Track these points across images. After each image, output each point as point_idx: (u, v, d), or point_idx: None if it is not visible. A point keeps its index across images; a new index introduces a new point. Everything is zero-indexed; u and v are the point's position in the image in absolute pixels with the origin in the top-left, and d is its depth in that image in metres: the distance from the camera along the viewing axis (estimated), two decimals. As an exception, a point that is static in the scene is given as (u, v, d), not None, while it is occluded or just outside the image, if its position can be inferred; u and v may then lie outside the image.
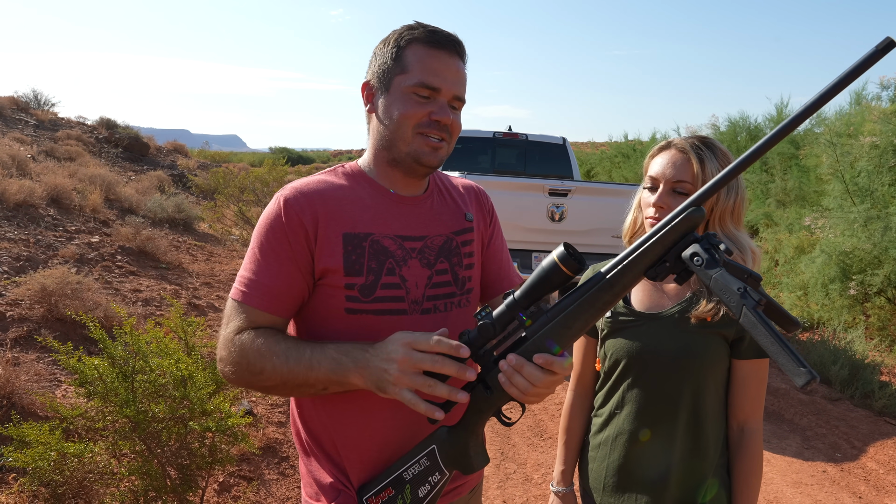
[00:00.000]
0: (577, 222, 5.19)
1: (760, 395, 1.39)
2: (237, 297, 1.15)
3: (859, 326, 5.85)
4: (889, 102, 7.27)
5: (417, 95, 1.15)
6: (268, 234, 1.15)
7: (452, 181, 1.41)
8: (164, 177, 12.83)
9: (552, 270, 0.94)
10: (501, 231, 1.46)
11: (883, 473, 3.65)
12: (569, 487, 1.61)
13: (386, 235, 1.20)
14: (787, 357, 0.66)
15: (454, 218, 1.31)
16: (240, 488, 3.04)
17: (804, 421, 4.36)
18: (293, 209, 1.14)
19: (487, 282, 1.39)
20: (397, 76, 1.16)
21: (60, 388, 3.44)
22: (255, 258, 1.15)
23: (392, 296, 1.17)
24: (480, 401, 1.05)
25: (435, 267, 1.24)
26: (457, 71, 1.18)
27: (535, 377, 0.95)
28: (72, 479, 2.33)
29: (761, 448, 1.39)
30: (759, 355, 1.36)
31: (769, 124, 10.86)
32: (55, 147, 11.68)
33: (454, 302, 1.26)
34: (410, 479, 1.10)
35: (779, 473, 3.61)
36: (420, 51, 1.16)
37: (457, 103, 1.19)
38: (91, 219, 7.47)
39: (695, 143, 1.38)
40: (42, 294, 4.26)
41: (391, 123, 1.17)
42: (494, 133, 6.57)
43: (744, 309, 0.71)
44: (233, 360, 1.11)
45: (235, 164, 24.43)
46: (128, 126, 17.13)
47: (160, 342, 2.43)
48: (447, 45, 1.17)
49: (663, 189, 1.37)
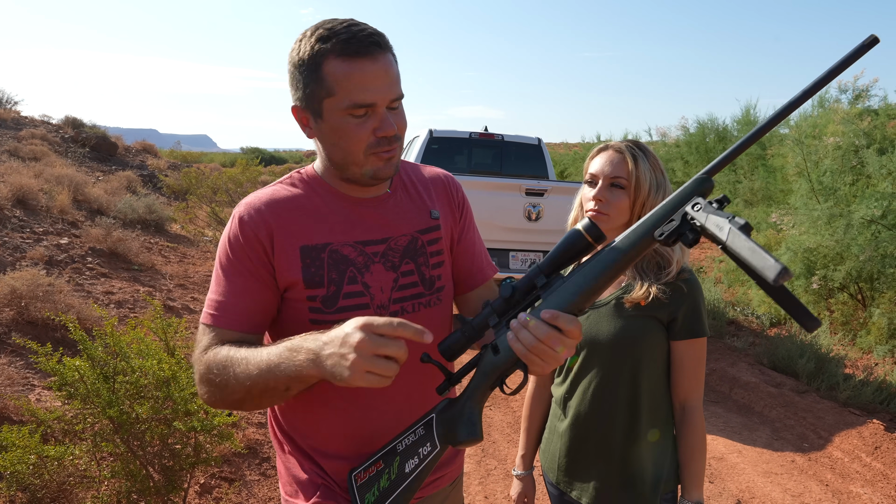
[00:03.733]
0: (554, 221, 5.26)
1: (699, 374, 1.50)
2: (206, 320, 1.13)
3: (824, 321, 6.05)
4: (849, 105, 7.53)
5: (353, 117, 1.07)
6: (228, 254, 1.14)
7: (420, 172, 1.35)
8: (134, 177, 12.58)
9: (576, 237, 0.95)
10: (474, 222, 1.41)
11: (848, 462, 3.79)
12: (528, 471, 1.76)
13: (345, 243, 1.16)
14: (762, 257, 0.68)
15: (419, 215, 1.26)
16: (221, 489, 3.03)
17: (773, 413, 4.50)
18: (248, 227, 1.13)
19: (460, 277, 1.36)
20: (325, 100, 1.07)
21: (34, 392, 3.37)
22: (220, 280, 1.14)
23: (355, 304, 1.15)
24: (487, 363, 1.03)
25: (400, 269, 1.21)
26: (385, 73, 1.07)
27: (540, 330, 0.91)
28: (51, 483, 2.30)
29: (703, 422, 1.50)
30: (693, 335, 1.48)
31: (737, 126, 11.13)
32: (19, 147, 11.35)
33: (423, 302, 1.23)
34: (402, 450, 1.07)
35: (750, 464, 3.73)
36: (339, 67, 1.05)
37: (395, 104, 1.11)
38: (59, 220, 7.30)
39: (629, 144, 1.54)
40: (12, 297, 4.17)
41: (338, 150, 1.12)
42: (471, 133, 6.62)
43: (730, 230, 0.73)
44: (202, 378, 1.09)
45: (207, 164, 24.05)
46: (95, 125, 16.74)
47: (141, 343, 2.41)
48: (366, 49, 1.05)
49: (602, 184, 1.52)
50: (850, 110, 7.04)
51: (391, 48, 1.11)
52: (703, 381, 1.52)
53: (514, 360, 1.00)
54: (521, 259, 5.33)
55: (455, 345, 1.05)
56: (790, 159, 7.22)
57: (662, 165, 1.56)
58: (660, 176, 1.52)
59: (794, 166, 7.10)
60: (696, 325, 1.48)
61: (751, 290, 7.24)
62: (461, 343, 1.05)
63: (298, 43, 1.09)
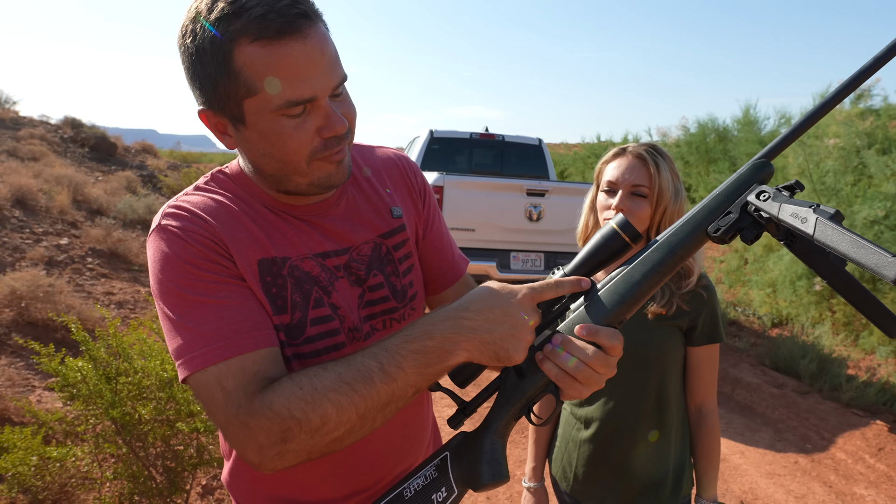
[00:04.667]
0: (555, 222, 5.25)
1: (713, 378, 1.50)
2: (208, 361, 0.80)
3: (826, 322, 6.04)
4: (850, 105, 7.52)
5: (288, 118, 0.81)
6: (178, 267, 0.83)
7: (372, 156, 1.11)
8: (134, 177, 12.57)
9: (610, 236, 0.84)
10: (438, 209, 1.18)
11: (851, 463, 3.78)
12: (540, 483, 1.68)
13: (304, 256, 0.93)
14: (873, 252, 0.59)
15: (378, 216, 1.03)
16: (223, 491, 3.01)
17: (776, 414, 4.49)
18: (192, 231, 0.85)
19: (430, 277, 1.15)
20: (246, 100, 0.80)
21: (34, 393, 3.36)
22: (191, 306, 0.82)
23: (325, 331, 0.93)
24: (510, 389, 0.87)
25: (367, 283, 0.99)
26: (321, 53, 0.80)
27: (584, 352, 0.77)
28: (52, 485, 2.28)
29: (718, 425, 1.51)
30: (711, 341, 1.46)
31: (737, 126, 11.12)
32: (18, 147, 11.34)
33: (395, 317, 1.03)
34: (410, 497, 0.87)
35: (752, 465, 3.71)
36: (258, 55, 0.77)
37: (338, 90, 0.85)
38: (59, 220, 7.29)
39: (649, 149, 1.47)
40: (12, 297, 4.15)
41: (272, 161, 0.85)
42: (472, 134, 6.61)
43: (818, 220, 0.64)
44: (275, 433, 0.76)
45: (206, 164, 24.05)
46: (94, 125, 16.74)
47: (143, 343, 2.40)
48: (291, 25, 0.77)
49: (623, 193, 1.45)
50: (851, 110, 7.04)
51: (320, 16, 0.83)
52: (716, 386, 1.53)
53: (544, 384, 0.86)
54: (521, 259, 5.32)
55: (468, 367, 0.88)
56: (791, 160, 7.21)
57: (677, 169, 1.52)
58: (677, 181, 1.47)
59: (795, 167, 7.09)
60: (714, 331, 1.47)
61: (752, 291, 7.24)
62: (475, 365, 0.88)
63: (192, 23, 0.80)
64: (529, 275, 5.22)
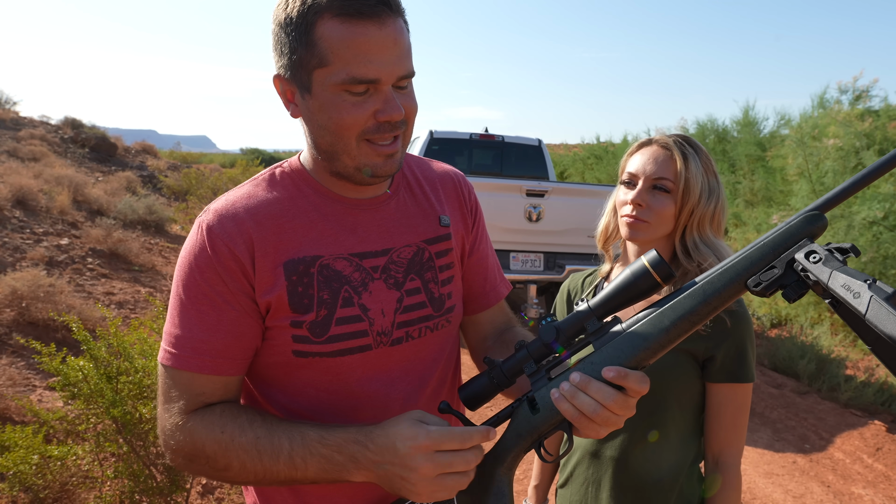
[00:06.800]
0: (554, 222, 5.26)
1: (738, 425, 1.25)
2: (168, 361, 0.89)
3: (825, 323, 6.05)
4: (849, 106, 7.53)
5: (350, 93, 0.85)
6: (194, 274, 0.89)
7: (428, 168, 1.14)
8: (134, 178, 12.59)
9: (640, 274, 0.79)
10: (486, 231, 1.22)
11: (849, 463, 3.79)
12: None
13: (338, 256, 0.95)
14: None
15: (426, 221, 1.05)
16: (223, 490, 3.02)
17: (774, 414, 4.50)
18: (220, 239, 0.89)
19: (470, 296, 1.15)
20: (316, 70, 0.85)
21: (35, 393, 3.37)
22: (183, 307, 0.90)
23: (351, 332, 0.94)
24: (522, 422, 0.85)
25: (405, 287, 1.00)
26: (394, 42, 0.85)
27: (605, 395, 0.77)
28: (53, 484, 2.29)
29: (739, 482, 1.26)
30: (734, 379, 1.23)
31: (736, 127, 11.13)
32: (18, 147, 11.35)
33: (430, 326, 1.02)
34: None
35: (751, 465, 3.72)
36: (336, 29, 0.82)
37: (404, 82, 0.89)
38: (59, 220, 7.30)
39: (678, 140, 1.29)
40: (13, 297, 4.17)
41: (326, 134, 0.90)
42: (471, 134, 6.62)
43: (872, 299, 0.59)
44: (186, 453, 0.88)
45: (206, 165, 24.07)
46: (94, 126, 16.76)
47: (144, 343, 2.41)
48: (372, 10, 0.82)
49: (642, 186, 1.28)
50: (850, 111, 7.05)
51: (403, 13, 0.88)
52: (744, 435, 1.27)
53: (557, 421, 0.84)
54: (521, 260, 5.33)
55: (481, 392, 0.89)
56: (791, 160, 7.22)
57: (716, 166, 1.30)
58: (713, 179, 1.28)
59: (794, 167, 7.10)
60: (739, 368, 1.23)
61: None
62: (488, 390, 0.89)
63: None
64: (529, 275, 5.23)
